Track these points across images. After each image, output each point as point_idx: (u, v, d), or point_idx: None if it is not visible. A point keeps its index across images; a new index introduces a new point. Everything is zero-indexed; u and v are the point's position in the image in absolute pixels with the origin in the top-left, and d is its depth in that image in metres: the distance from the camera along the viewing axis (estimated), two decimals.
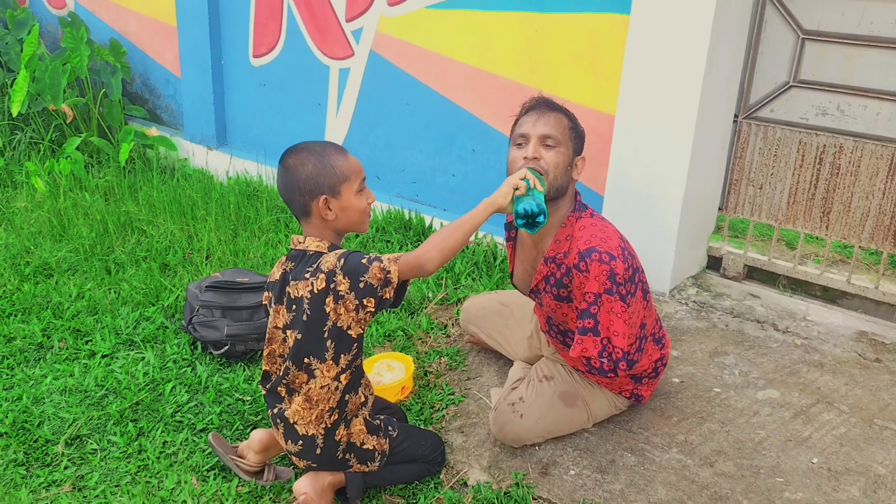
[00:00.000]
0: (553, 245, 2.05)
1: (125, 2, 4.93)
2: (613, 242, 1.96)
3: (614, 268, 1.91)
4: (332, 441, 1.92)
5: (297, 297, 1.86)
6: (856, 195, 2.84)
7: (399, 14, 3.61)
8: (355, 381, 1.93)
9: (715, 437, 2.21)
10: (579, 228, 2.01)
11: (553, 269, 2.05)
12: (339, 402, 1.90)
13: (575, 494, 2.03)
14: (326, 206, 1.84)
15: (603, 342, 1.95)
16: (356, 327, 1.84)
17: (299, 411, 1.90)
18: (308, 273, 1.84)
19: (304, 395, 1.89)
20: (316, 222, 1.88)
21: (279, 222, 3.80)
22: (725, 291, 3.06)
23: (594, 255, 1.92)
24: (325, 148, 1.88)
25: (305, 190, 1.84)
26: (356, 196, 1.88)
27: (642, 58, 2.85)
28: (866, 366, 2.56)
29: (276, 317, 1.94)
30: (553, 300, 2.07)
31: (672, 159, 2.87)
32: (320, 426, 1.90)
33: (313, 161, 1.84)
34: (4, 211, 3.88)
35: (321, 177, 1.83)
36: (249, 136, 4.52)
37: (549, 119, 2.01)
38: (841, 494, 1.99)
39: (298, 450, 1.94)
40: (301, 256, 1.89)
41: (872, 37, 2.67)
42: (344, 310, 1.80)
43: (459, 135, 3.57)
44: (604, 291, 1.92)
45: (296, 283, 1.86)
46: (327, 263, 1.81)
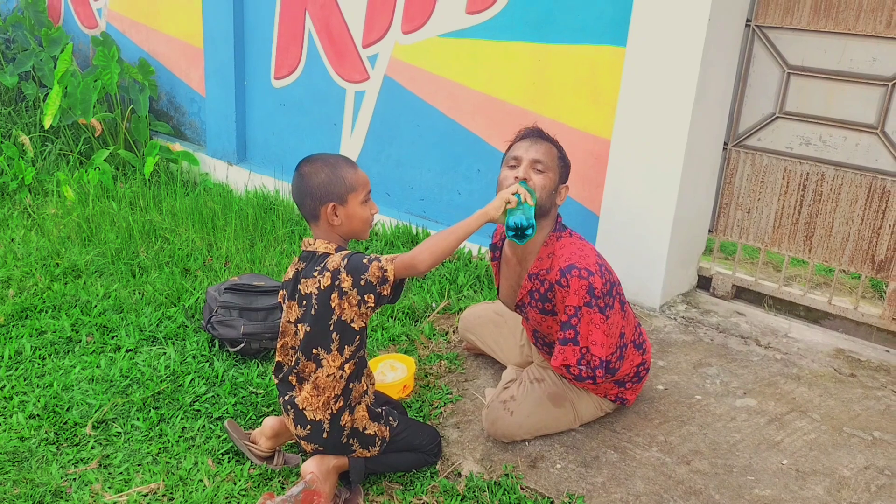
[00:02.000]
0: (536, 262, 2.24)
1: (155, 23, 5.20)
2: (591, 259, 2.15)
3: (592, 283, 2.10)
4: (337, 426, 2.10)
5: (306, 294, 2.06)
6: (836, 220, 3.02)
7: (413, 42, 3.84)
8: (358, 370, 2.11)
9: (693, 438, 2.38)
10: (560, 247, 2.20)
11: (537, 284, 2.23)
12: (344, 389, 2.09)
13: (560, 486, 2.20)
14: (334, 213, 2.05)
15: (582, 351, 2.13)
16: (359, 321, 2.03)
17: (308, 398, 2.09)
18: (316, 271, 2.04)
19: (312, 384, 2.08)
20: (323, 226, 2.08)
21: (294, 234, 4.01)
22: (713, 309, 3.23)
23: (574, 272, 2.11)
24: (337, 160, 2.09)
25: (316, 196, 2.04)
26: (361, 206, 2.09)
27: (637, 87, 3.05)
28: (841, 380, 2.72)
29: (288, 312, 2.13)
30: (538, 314, 2.26)
31: (663, 183, 3.06)
32: (326, 412, 2.08)
33: (326, 171, 2.05)
34: (35, 217, 4.11)
35: (332, 185, 2.04)
36: (268, 153, 4.75)
37: (540, 147, 2.21)
38: (806, 493, 2.15)
39: (307, 434, 2.12)
40: (311, 257, 2.10)
41: (852, 73, 2.87)
42: (347, 304, 2.00)
43: (466, 156, 3.78)
44: (583, 304, 2.10)
45: (306, 281, 2.06)
46: (333, 262, 2.01)
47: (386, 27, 3.93)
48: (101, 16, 5.60)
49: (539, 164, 2.19)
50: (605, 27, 3.15)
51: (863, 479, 2.21)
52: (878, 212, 2.91)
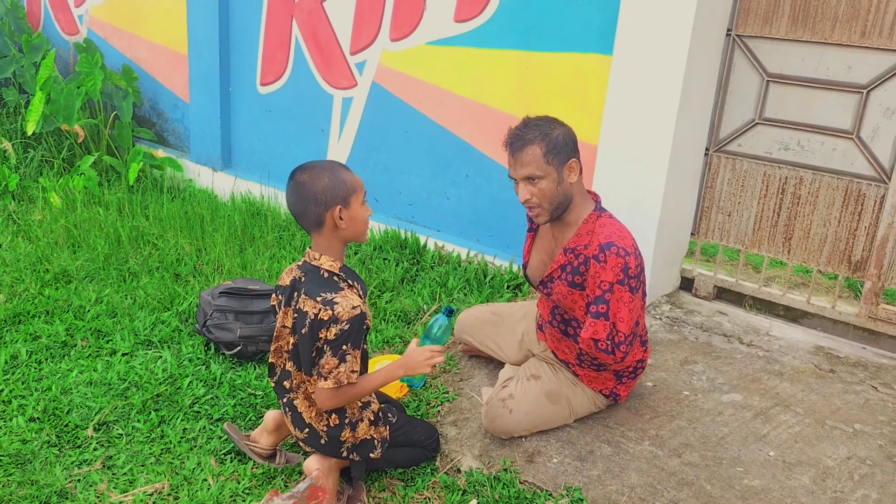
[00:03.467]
0: (574, 238, 2.31)
1: (138, 30, 5.20)
2: (629, 241, 2.23)
3: (628, 262, 2.18)
4: (336, 440, 2.14)
5: (303, 311, 2.07)
6: (814, 223, 3.13)
7: (401, 49, 3.90)
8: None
9: (683, 432, 2.46)
10: (600, 226, 2.27)
11: (571, 258, 2.30)
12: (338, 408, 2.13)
13: (557, 479, 2.26)
14: (339, 216, 2.08)
15: (611, 326, 2.21)
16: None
17: (302, 405, 2.13)
18: (320, 298, 2.04)
19: (303, 393, 2.12)
20: (328, 232, 2.09)
21: (282, 239, 4.04)
22: (696, 309, 3.32)
23: (613, 249, 2.18)
24: (333, 164, 2.12)
25: (321, 201, 2.05)
26: (361, 207, 2.13)
27: (623, 95, 3.14)
28: (821, 375, 2.83)
29: (284, 317, 2.17)
30: (566, 287, 2.31)
31: (649, 187, 3.15)
32: (321, 423, 2.12)
33: (327, 176, 2.07)
34: (20, 223, 4.09)
35: (336, 189, 2.06)
36: (254, 159, 4.78)
37: (524, 158, 2.23)
38: (793, 482, 2.24)
39: (304, 437, 2.16)
40: (315, 273, 2.10)
41: (829, 80, 2.99)
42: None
43: (454, 161, 3.84)
44: (617, 282, 2.18)
45: (306, 299, 2.07)
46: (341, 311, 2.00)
47: (374, 34, 3.99)
48: (83, 22, 5.58)
49: (531, 177, 2.24)
50: (592, 36, 3.24)
51: (846, 468, 2.30)
52: (854, 214, 3.03)
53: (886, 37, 2.83)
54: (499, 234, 3.74)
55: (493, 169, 3.68)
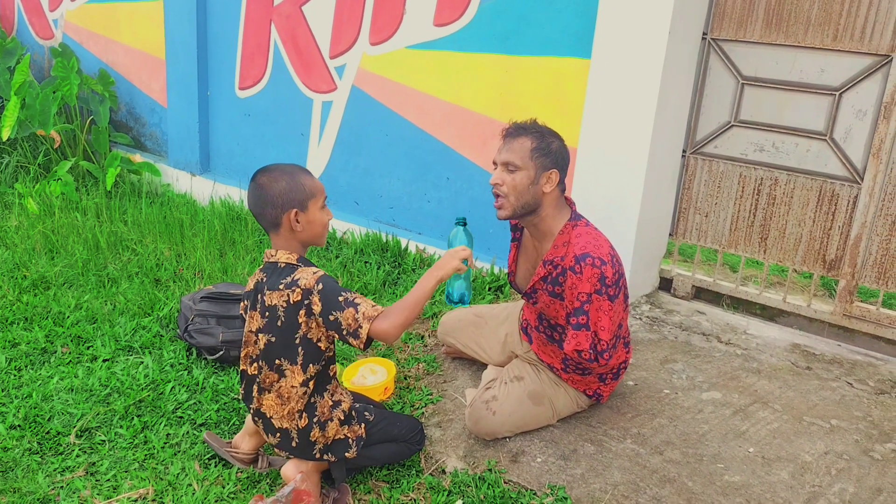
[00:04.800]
0: (552, 249, 2.33)
1: (114, 34, 5.17)
2: (605, 250, 2.25)
3: (604, 272, 2.20)
4: (306, 441, 2.14)
5: (271, 305, 2.08)
6: (789, 223, 3.19)
7: (381, 53, 3.91)
8: (321, 386, 2.15)
9: (664, 430, 2.49)
10: (575, 236, 2.29)
11: (550, 269, 2.32)
12: (307, 405, 2.13)
13: (542, 478, 2.28)
14: (296, 219, 2.10)
15: (592, 336, 2.23)
16: (325, 341, 2.09)
17: (273, 406, 2.13)
18: (282, 284, 2.06)
19: (275, 392, 2.12)
20: (284, 233, 2.12)
21: (262, 243, 4.03)
22: (675, 308, 3.37)
23: (588, 260, 2.20)
24: (294, 168, 2.14)
25: (278, 204, 2.08)
26: (320, 211, 2.14)
27: (602, 98, 3.18)
28: (798, 373, 2.88)
29: (250, 322, 2.17)
30: (548, 297, 2.34)
31: (627, 189, 3.19)
32: (292, 422, 2.12)
33: (286, 179, 2.09)
34: None
35: (292, 192, 2.09)
36: (233, 164, 4.76)
37: (513, 145, 2.28)
38: (773, 477, 2.28)
39: (277, 442, 2.16)
40: (273, 268, 2.13)
41: (802, 83, 3.05)
42: (315, 325, 2.05)
43: (435, 164, 3.86)
44: (594, 292, 2.20)
45: (270, 293, 2.09)
46: (305, 281, 2.03)
47: (353, 38, 4.00)
48: (58, 26, 5.53)
49: (510, 164, 2.27)
50: (571, 40, 3.28)
51: (823, 463, 2.35)
52: (828, 214, 3.09)
53: (858, 40, 2.90)
54: (479, 237, 3.76)
55: (474, 172, 3.70)
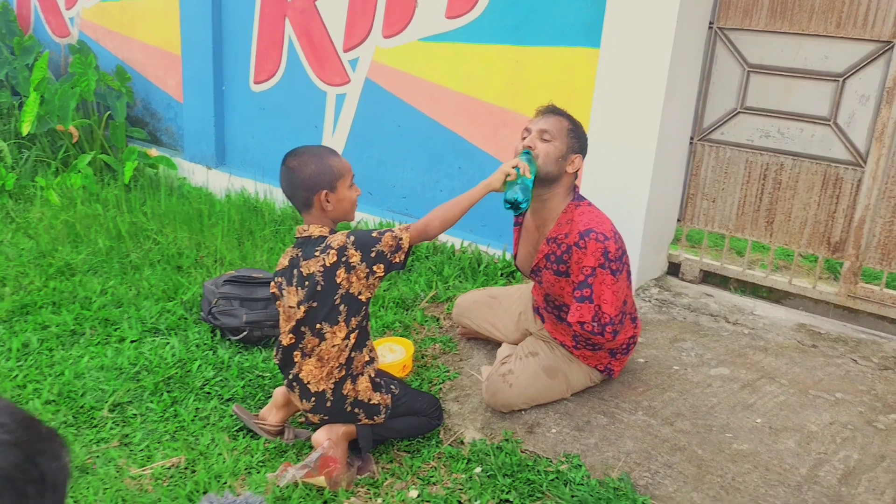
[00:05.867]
0: (555, 228, 2.43)
1: (130, 32, 5.27)
2: (608, 226, 2.35)
3: (608, 247, 2.29)
4: (340, 395, 2.25)
5: (308, 274, 2.20)
6: (795, 207, 3.27)
7: (393, 45, 4.01)
8: (361, 341, 2.27)
9: (674, 403, 2.58)
10: (579, 214, 2.39)
11: (554, 248, 2.42)
12: (347, 359, 2.24)
13: (557, 447, 2.37)
14: (326, 199, 2.20)
15: (595, 308, 2.32)
16: (366, 292, 2.19)
17: (312, 371, 2.23)
18: (317, 251, 2.19)
19: (316, 356, 2.23)
20: (316, 212, 2.24)
21: (279, 233, 4.12)
22: (684, 291, 3.45)
23: (592, 235, 2.29)
24: (322, 150, 2.26)
25: (309, 186, 2.20)
26: (348, 190, 2.26)
27: (610, 86, 3.27)
28: (804, 350, 2.96)
29: (289, 297, 2.27)
30: (553, 275, 2.44)
31: (636, 175, 3.27)
32: (330, 381, 2.23)
33: (315, 162, 2.21)
34: (19, 221, 4.15)
35: (322, 175, 2.20)
36: (248, 157, 4.86)
37: (550, 119, 2.41)
38: (780, 446, 2.37)
39: (312, 406, 2.26)
40: (307, 241, 2.25)
41: (806, 70, 3.13)
42: (355, 278, 2.16)
43: (447, 154, 3.95)
44: (598, 266, 2.29)
45: (307, 262, 2.21)
46: (336, 241, 2.16)
47: (366, 32, 4.09)
48: (74, 24, 5.64)
49: (546, 133, 2.38)
50: (580, 30, 3.37)
51: (829, 433, 2.43)
52: (832, 197, 3.17)
53: (860, 27, 2.98)
54: (491, 225, 3.85)
55: (486, 161, 3.79)
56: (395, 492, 2.21)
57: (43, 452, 0.60)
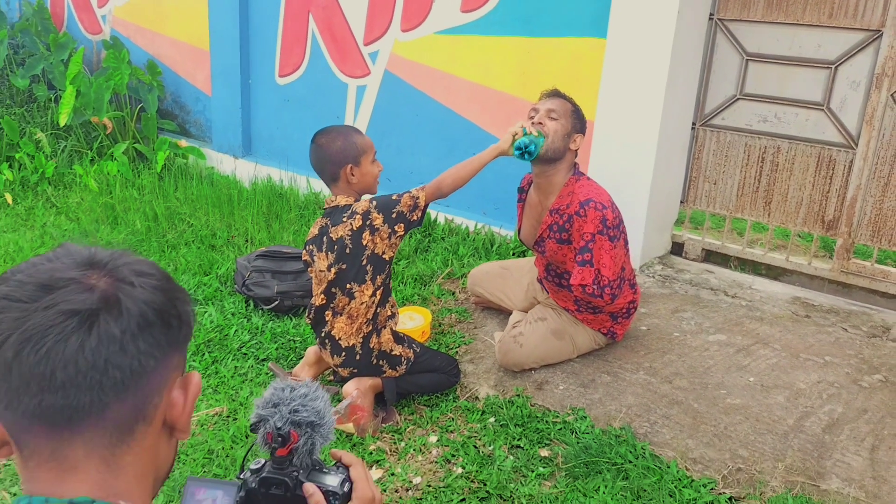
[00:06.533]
0: (557, 200, 2.65)
1: (160, 28, 5.54)
2: (605, 197, 2.57)
3: (605, 215, 2.52)
4: (367, 348, 2.48)
5: (337, 239, 2.44)
6: (791, 187, 3.47)
7: (411, 39, 4.24)
8: (384, 297, 2.50)
9: (673, 364, 2.79)
10: (579, 187, 2.61)
11: (556, 218, 2.64)
12: (373, 315, 2.47)
13: (564, 402, 2.59)
14: (351, 173, 2.44)
15: (595, 272, 2.54)
16: (389, 251, 2.43)
17: (343, 328, 2.46)
18: (345, 217, 2.43)
19: (346, 314, 2.46)
20: (342, 185, 2.49)
21: (303, 217, 4.36)
22: (686, 268, 3.66)
23: (591, 204, 2.52)
24: (347, 129, 2.52)
25: (335, 161, 2.45)
26: (371, 164, 2.50)
27: (616, 75, 3.48)
28: (797, 320, 3.16)
29: (320, 262, 2.50)
30: (556, 244, 2.66)
31: (640, 159, 3.48)
32: (359, 336, 2.46)
33: (341, 139, 2.46)
34: (59, 206, 4.42)
35: (347, 150, 2.45)
36: (273, 146, 5.10)
37: (556, 101, 2.66)
38: (770, 401, 2.57)
39: (342, 360, 2.49)
40: (334, 211, 2.49)
41: (801, 58, 3.32)
42: (379, 239, 2.39)
43: (462, 140, 4.18)
44: (597, 232, 2.51)
45: (335, 228, 2.45)
46: (361, 206, 2.40)
47: (386, 26, 4.32)
48: (106, 22, 5.91)
49: (553, 112, 2.62)
50: (587, 21, 3.58)
51: (816, 390, 2.63)
52: (826, 178, 3.37)
53: (851, 17, 3.17)
54: (504, 207, 4.07)
55: None
56: (417, 437, 2.44)
57: (178, 298, 0.83)
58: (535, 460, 2.34)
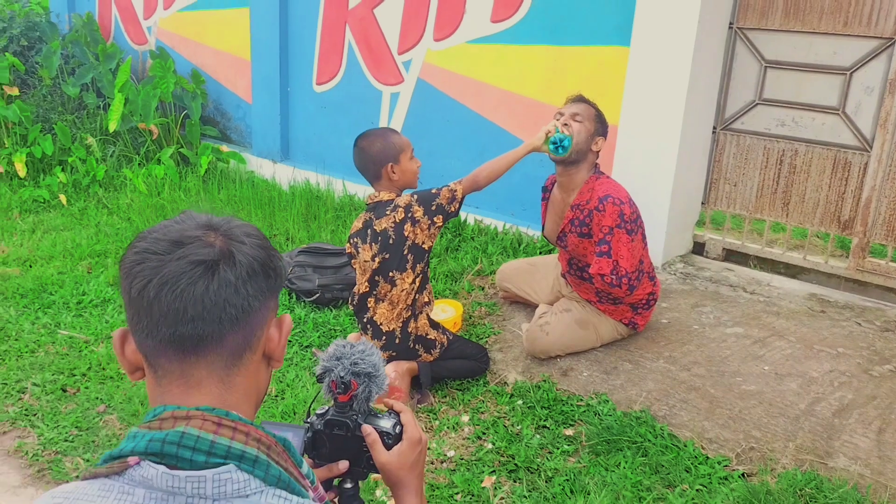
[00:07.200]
0: (578, 196, 2.84)
1: (203, 39, 5.81)
2: (623, 194, 2.75)
3: (623, 210, 2.69)
4: (406, 333, 2.68)
5: (381, 230, 2.65)
6: (808, 189, 3.61)
7: (443, 48, 4.45)
8: (422, 284, 2.70)
9: (692, 354, 2.95)
10: (599, 184, 2.80)
11: (577, 213, 2.82)
12: (412, 301, 2.67)
13: (587, 387, 2.76)
14: (391, 171, 2.65)
15: (613, 263, 2.71)
16: (428, 241, 2.64)
17: (384, 313, 2.67)
18: (388, 211, 2.64)
19: (388, 301, 2.66)
20: (384, 182, 2.71)
21: (339, 218, 4.58)
22: (707, 266, 3.81)
23: (609, 200, 2.70)
24: (385, 131, 2.77)
25: (377, 160, 2.67)
26: (410, 161, 2.71)
27: (639, 81, 3.65)
28: (813, 315, 3.30)
29: (364, 253, 2.71)
30: (577, 237, 2.84)
31: (662, 162, 3.65)
32: (399, 321, 2.66)
33: (380, 140, 2.70)
34: (110, 206, 4.68)
35: (386, 150, 2.67)
36: (310, 151, 5.34)
37: (580, 105, 2.86)
38: (783, 387, 2.72)
39: (382, 344, 2.69)
40: (377, 205, 2.70)
41: (817, 65, 3.47)
42: (419, 230, 2.60)
43: (491, 145, 4.36)
44: (615, 226, 2.69)
45: (378, 221, 2.66)
46: (403, 200, 2.61)
47: (419, 36, 4.54)
48: (151, 33, 6.21)
49: (578, 115, 2.81)
50: (612, 30, 3.76)
51: (828, 378, 2.78)
52: (842, 180, 3.51)
53: (865, 25, 3.32)
54: (531, 208, 4.24)
55: None
56: (450, 417, 2.63)
57: (274, 255, 1.02)
58: (560, 439, 2.52)
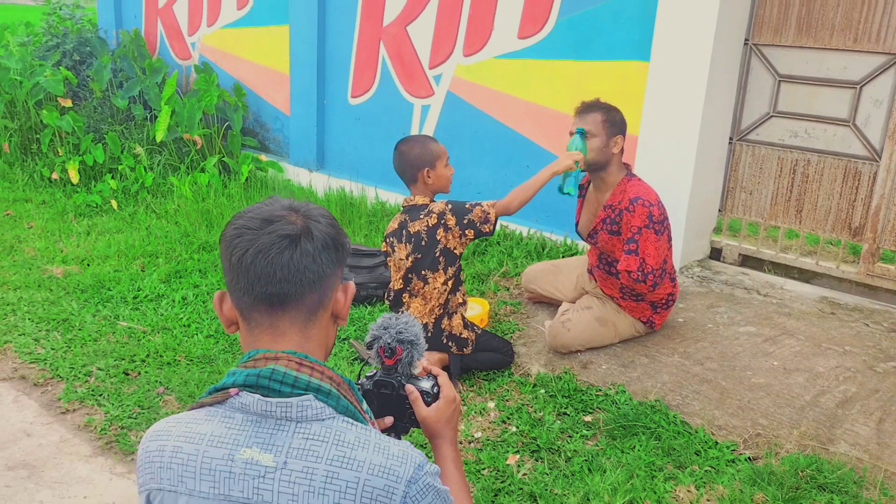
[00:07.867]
0: (611, 196, 3.05)
1: (244, 54, 6.13)
2: (653, 196, 2.96)
3: (652, 211, 2.90)
4: (438, 328, 2.90)
5: (415, 232, 2.87)
6: (820, 197, 3.78)
7: (472, 63, 4.69)
8: (455, 286, 2.92)
9: (705, 350, 3.13)
10: (631, 186, 3.00)
11: (609, 212, 3.03)
12: (445, 301, 2.89)
13: (606, 379, 2.96)
14: (427, 175, 2.88)
15: (640, 260, 2.91)
16: (459, 248, 2.85)
17: (418, 308, 2.89)
18: (422, 215, 2.86)
19: (421, 296, 2.89)
20: (420, 186, 2.93)
21: (372, 223, 4.83)
22: (723, 271, 3.99)
23: (639, 201, 2.90)
24: (424, 138, 2.98)
25: (415, 165, 2.90)
26: (445, 168, 2.93)
27: (659, 94, 3.86)
28: (823, 316, 3.46)
29: (399, 251, 2.94)
30: (607, 235, 3.04)
31: (680, 171, 3.84)
32: (431, 317, 2.88)
33: (419, 147, 2.92)
34: (160, 212, 4.98)
35: (424, 156, 2.89)
36: (344, 160, 5.61)
37: (587, 118, 3.03)
38: (790, 381, 2.90)
39: None
40: (413, 208, 2.92)
41: (829, 79, 3.65)
42: (451, 237, 2.82)
43: (517, 155, 4.60)
44: (643, 226, 2.89)
45: (413, 223, 2.89)
46: (437, 207, 2.83)
47: (449, 51, 4.79)
48: (195, 48, 6.54)
49: (587, 132, 3.00)
50: (633, 46, 3.97)
51: (834, 374, 2.95)
52: (852, 188, 3.67)
53: (874, 41, 3.50)
54: (555, 215, 4.46)
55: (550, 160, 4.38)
56: (477, 403, 2.85)
57: (341, 233, 1.26)
58: (580, 424, 2.72)
